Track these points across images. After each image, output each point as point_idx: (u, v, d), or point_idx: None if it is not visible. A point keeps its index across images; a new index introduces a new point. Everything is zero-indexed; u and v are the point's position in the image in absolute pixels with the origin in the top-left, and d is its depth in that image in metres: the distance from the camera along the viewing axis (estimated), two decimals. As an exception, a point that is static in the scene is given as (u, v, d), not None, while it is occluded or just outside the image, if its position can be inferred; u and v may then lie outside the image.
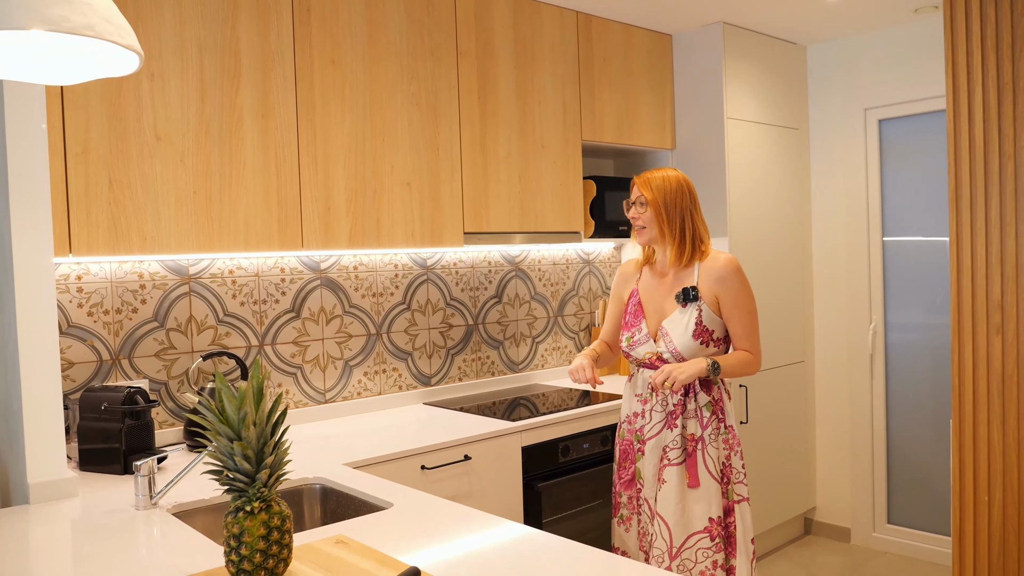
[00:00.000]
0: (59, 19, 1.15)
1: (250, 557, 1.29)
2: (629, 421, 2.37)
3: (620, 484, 2.38)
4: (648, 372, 2.32)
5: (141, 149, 2.16)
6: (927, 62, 3.57)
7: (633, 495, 2.35)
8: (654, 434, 2.27)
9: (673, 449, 2.23)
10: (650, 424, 2.28)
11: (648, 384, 2.28)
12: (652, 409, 2.28)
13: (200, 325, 2.58)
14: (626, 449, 2.37)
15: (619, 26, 3.45)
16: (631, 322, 2.38)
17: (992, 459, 2.33)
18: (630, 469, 2.36)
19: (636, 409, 2.34)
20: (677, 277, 2.33)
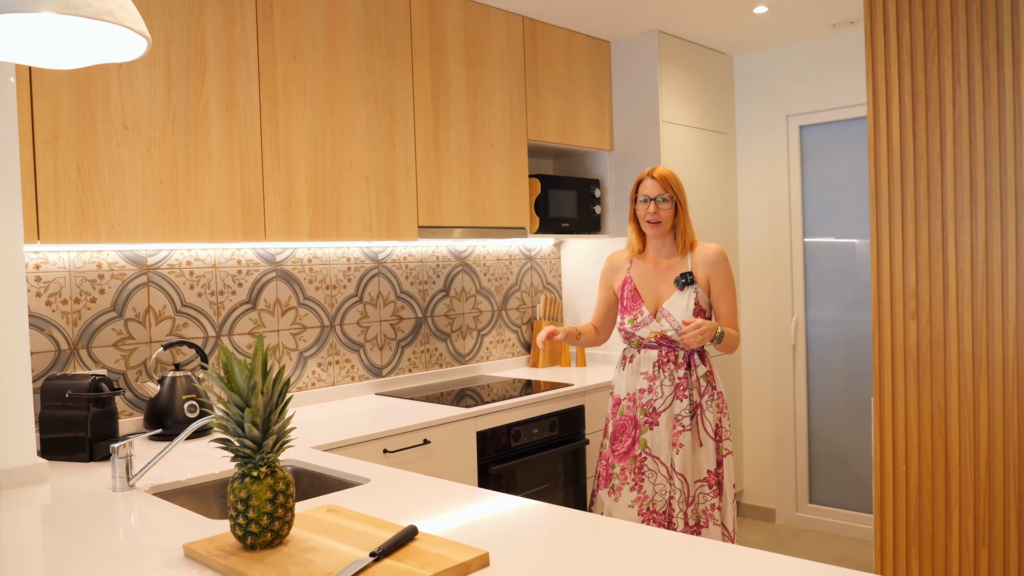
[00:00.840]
0: (82, 4, 1.21)
1: (257, 520, 1.36)
2: (631, 399, 2.61)
3: (614, 456, 2.61)
4: (652, 352, 2.59)
5: (109, 137, 2.17)
6: (844, 73, 3.86)
7: (628, 465, 2.58)
8: (667, 406, 2.55)
9: (685, 417, 2.53)
10: (661, 398, 2.56)
11: (680, 337, 2.47)
12: (661, 384, 2.56)
13: (158, 315, 2.59)
14: (624, 424, 2.61)
15: (562, 31, 3.61)
16: (630, 306, 2.64)
17: (909, 432, 2.57)
18: (627, 442, 2.59)
19: (642, 386, 2.59)
20: (671, 265, 2.63)
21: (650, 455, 2.56)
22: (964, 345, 2.46)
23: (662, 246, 2.66)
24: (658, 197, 2.58)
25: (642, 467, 2.56)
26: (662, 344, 2.58)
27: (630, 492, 2.56)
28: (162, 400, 2.43)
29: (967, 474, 2.47)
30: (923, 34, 2.50)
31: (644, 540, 1.44)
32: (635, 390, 2.61)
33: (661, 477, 2.54)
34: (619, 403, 2.65)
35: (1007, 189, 2.37)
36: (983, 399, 2.43)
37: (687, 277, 2.58)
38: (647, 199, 2.60)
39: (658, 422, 2.55)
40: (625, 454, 2.59)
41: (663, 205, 2.58)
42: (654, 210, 2.58)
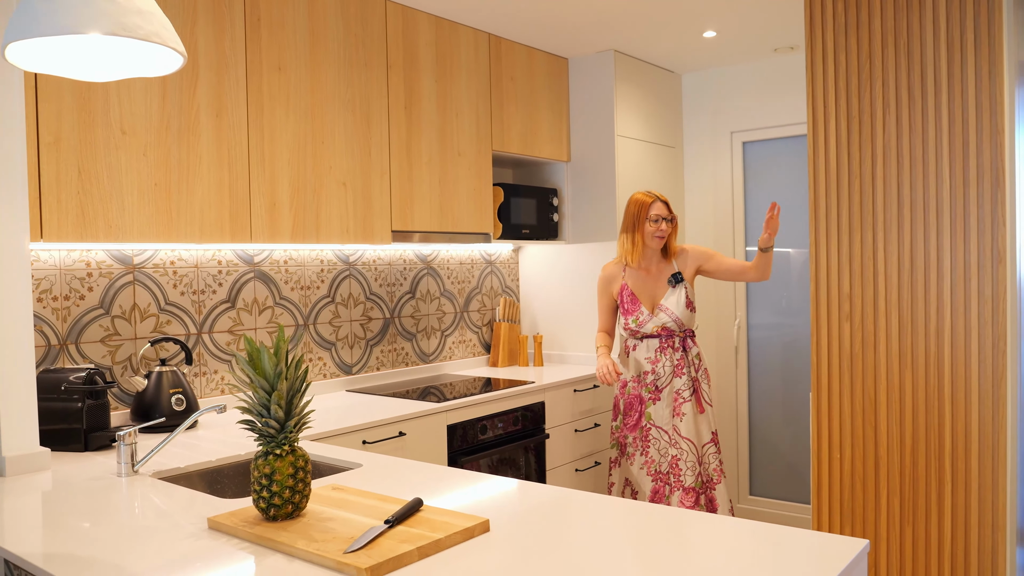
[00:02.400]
0: (134, 27, 1.35)
1: (280, 493, 1.51)
2: (636, 380, 3.20)
3: (626, 428, 3.22)
4: (653, 341, 3.17)
5: (108, 141, 2.27)
6: (784, 94, 4.16)
7: (638, 435, 3.18)
8: (667, 384, 3.15)
9: (685, 390, 3.13)
10: (663, 377, 3.15)
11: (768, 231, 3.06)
12: (662, 366, 3.14)
13: (143, 313, 2.69)
14: (631, 402, 3.21)
15: (524, 48, 3.81)
16: (630, 308, 3.20)
17: (843, 423, 2.84)
18: (635, 416, 3.18)
19: (646, 368, 3.18)
20: (660, 270, 3.23)
21: (654, 425, 3.15)
22: (892, 344, 2.74)
23: (653, 255, 3.24)
24: (668, 218, 3.18)
25: (648, 436, 3.15)
26: (662, 334, 3.16)
27: (640, 457, 3.17)
28: (149, 394, 2.53)
29: (894, 460, 2.74)
30: (857, 65, 2.77)
31: (627, 510, 1.64)
32: (639, 372, 3.19)
33: (663, 443, 3.13)
34: (626, 384, 3.23)
35: (929, 205, 2.66)
36: (908, 393, 2.71)
37: (678, 276, 3.20)
38: (659, 219, 3.16)
39: (660, 397, 3.14)
40: (634, 426, 3.18)
41: (669, 224, 3.19)
42: (665, 227, 3.17)
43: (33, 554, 1.43)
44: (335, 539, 1.42)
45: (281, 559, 1.38)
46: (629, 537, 1.48)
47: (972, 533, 2.60)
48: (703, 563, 1.34)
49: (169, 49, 1.44)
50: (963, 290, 2.60)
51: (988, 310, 2.56)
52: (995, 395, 2.56)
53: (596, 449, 3.79)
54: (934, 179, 2.65)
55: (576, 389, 3.66)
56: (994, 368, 2.55)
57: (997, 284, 2.54)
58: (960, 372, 2.61)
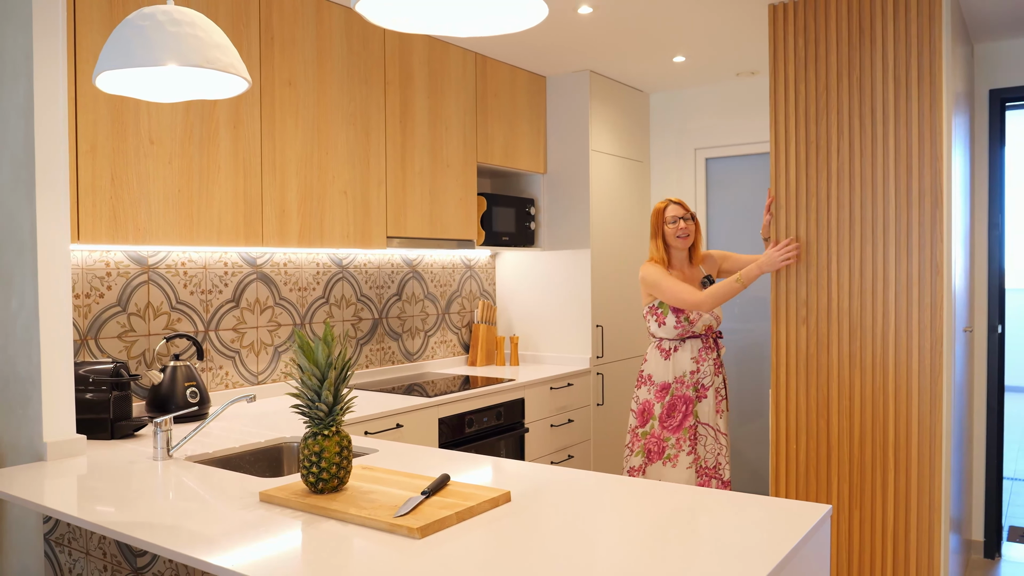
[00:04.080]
0: (215, 59, 1.56)
1: (328, 468, 1.72)
2: (679, 381, 3.21)
3: (667, 431, 3.20)
4: (696, 341, 3.22)
5: (138, 150, 2.45)
6: (744, 114, 4.49)
7: (683, 436, 3.18)
8: (711, 383, 3.23)
9: (722, 388, 3.27)
10: (709, 376, 3.23)
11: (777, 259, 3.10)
12: (707, 365, 3.22)
13: (156, 311, 2.85)
14: (675, 403, 3.21)
15: (506, 67, 4.05)
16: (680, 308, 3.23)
17: (799, 418, 3.14)
18: (678, 417, 3.20)
19: (691, 368, 3.21)
20: (692, 274, 3.32)
21: (701, 423, 3.22)
22: (843, 346, 3.05)
23: (684, 259, 3.32)
24: (684, 217, 3.24)
25: (695, 434, 3.21)
26: (705, 333, 3.25)
27: (687, 456, 3.19)
28: (164, 387, 2.69)
29: (843, 451, 3.05)
30: (815, 95, 3.09)
31: (637, 487, 1.89)
32: (683, 373, 3.21)
33: (710, 440, 3.22)
34: (666, 387, 3.22)
35: (877, 222, 2.98)
36: (856, 390, 3.02)
37: (710, 278, 3.31)
38: (675, 219, 3.24)
39: (707, 395, 3.22)
40: (678, 427, 3.20)
41: (689, 224, 3.25)
42: (684, 226, 3.23)
43: (116, 522, 1.61)
44: (381, 507, 1.64)
45: (335, 524, 1.59)
46: (629, 506, 1.73)
47: (912, 515, 2.92)
48: (685, 523, 1.59)
49: (239, 78, 1.64)
50: (906, 298, 2.93)
51: (927, 316, 2.89)
52: (932, 392, 2.88)
53: (569, 443, 4.04)
54: (881, 199, 2.97)
55: (552, 387, 3.91)
56: (932, 368, 2.88)
57: (935, 293, 2.87)
58: (903, 371, 2.93)
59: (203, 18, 1.59)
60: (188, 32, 1.52)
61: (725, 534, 1.52)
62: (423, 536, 1.50)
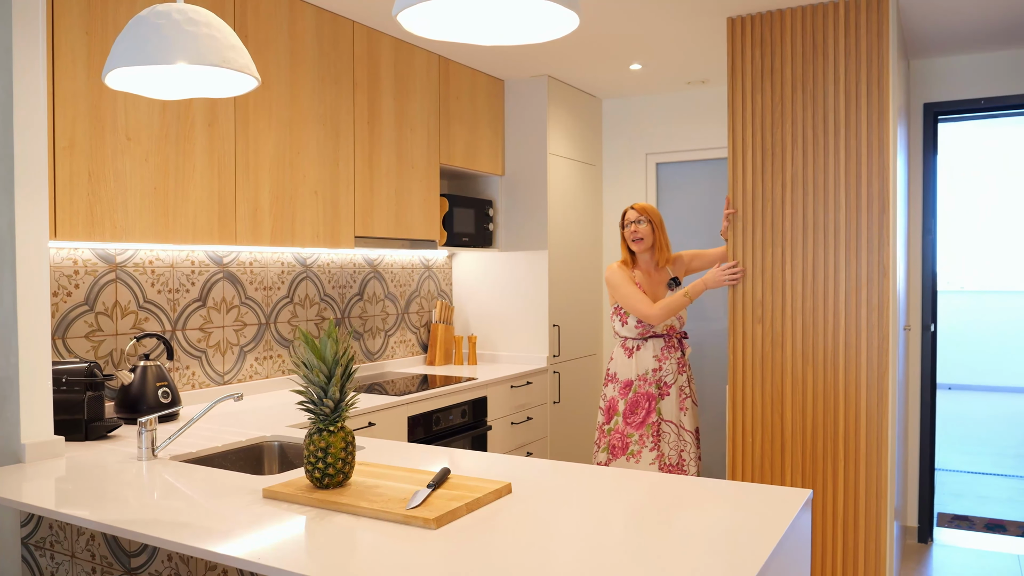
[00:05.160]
0: (232, 59, 1.58)
1: (334, 464, 1.75)
2: (642, 379, 3.32)
3: (630, 427, 3.32)
4: (659, 340, 3.32)
5: (115, 147, 2.41)
6: (694, 121, 4.65)
7: (646, 432, 3.29)
8: (673, 381, 3.33)
9: (685, 386, 3.36)
10: (671, 374, 3.33)
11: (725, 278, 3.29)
12: (669, 363, 3.33)
13: (124, 310, 2.80)
14: (637, 400, 3.32)
15: (468, 70, 4.11)
16: None
17: (755, 411, 3.30)
18: (642, 413, 3.30)
19: (653, 367, 3.32)
20: (658, 273, 3.45)
21: (664, 420, 3.31)
22: (796, 344, 3.22)
23: (649, 260, 3.44)
24: (637, 220, 3.38)
25: (658, 431, 3.30)
26: (668, 333, 3.35)
27: (649, 452, 3.29)
28: (135, 388, 2.65)
29: (797, 443, 3.22)
30: (771, 106, 3.25)
31: (624, 476, 1.97)
32: (646, 371, 3.32)
33: (672, 436, 3.32)
34: (629, 384, 3.34)
35: (828, 226, 3.15)
36: (809, 386, 3.19)
37: (676, 280, 3.46)
38: (630, 223, 3.39)
39: (669, 393, 3.32)
40: (641, 423, 3.31)
41: (641, 226, 3.37)
42: (634, 229, 3.37)
43: (123, 520, 1.61)
44: (390, 500, 1.68)
45: (347, 517, 1.62)
46: (624, 494, 1.81)
47: (861, 503, 3.10)
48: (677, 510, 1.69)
49: (250, 77, 1.66)
50: (855, 299, 3.11)
51: (875, 316, 3.07)
52: (879, 387, 3.07)
53: (528, 440, 4.12)
54: (832, 204, 3.15)
55: (512, 385, 3.99)
56: (879, 365, 3.07)
57: (883, 294, 3.06)
58: (852, 368, 3.11)
59: (216, 17, 1.60)
60: (205, 32, 1.53)
61: (721, 519, 1.62)
62: (438, 527, 1.56)
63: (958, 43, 3.78)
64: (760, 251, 3.28)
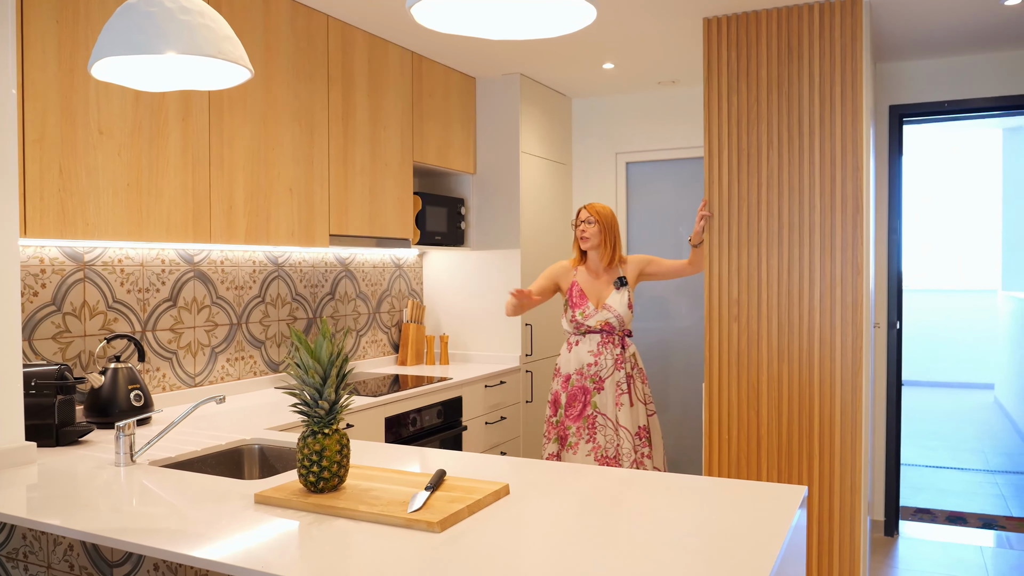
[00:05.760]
0: (228, 50, 1.53)
1: (329, 467, 1.71)
2: (579, 373, 3.42)
3: (568, 419, 3.42)
4: (595, 336, 3.42)
5: (87, 141, 2.32)
6: (664, 121, 4.68)
7: (582, 424, 3.38)
8: (609, 375, 3.39)
9: (623, 383, 3.39)
10: (606, 369, 3.39)
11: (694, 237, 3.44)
12: (604, 359, 3.39)
13: (92, 310, 2.70)
14: (575, 393, 3.42)
15: (441, 67, 4.07)
16: (578, 302, 3.48)
17: (731, 408, 3.33)
18: (578, 407, 3.39)
19: (589, 361, 3.41)
20: (608, 273, 3.53)
21: (600, 413, 3.38)
22: (772, 342, 3.25)
23: (599, 259, 3.52)
24: (587, 220, 3.48)
25: (594, 424, 3.38)
26: (604, 330, 3.42)
27: (586, 444, 3.38)
28: (106, 391, 2.56)
29: (772, 439, 3.26)
30: (747, 107, 3.28)
31: (619, 476, 1.97)
32: (582, 365, 3.42)
33: (609, 430, 3.37)
34: (569, 378, 3.44)
35: (804, 226, 3.20)
36: (785, 383, 3.23)
37: (623, 280, 3.49)
38: (580, 223, 3.50)
39: (604, 387, 3.39)
40: (578, 416, 3.40)
41: (590, 227, 3.47)
42: (583, 229, 3.49)
43: (110, 528, 1.54)
44: (388, 503, 1.64)
45: (346, 522, 1.58)
46: (620, 492, 1.81)
47: (835, 498, 3.15)
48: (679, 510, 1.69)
49: (243, 68, 1.61)
50: (829, 297, 3.16)
51: (849, 314, 3.12)
52: (853, 384, 3.12)
53: (501, 440, 4.10)
54: (807, 205, 3.19)
55: (487, 385, 3.96)
56: (853, 362, 3.12)
57: (856, 292, 3.11)
58: (827, 365, 3.16)
59: (208, 6, 1.54)
60: (199, 22, 1.48)
61: (725, 519, 1.62)
62: (442, 530, 1.53)
63: (924, 47, 3.86)
64: (736, 250, 3.31)
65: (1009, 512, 4.59)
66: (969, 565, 3.76)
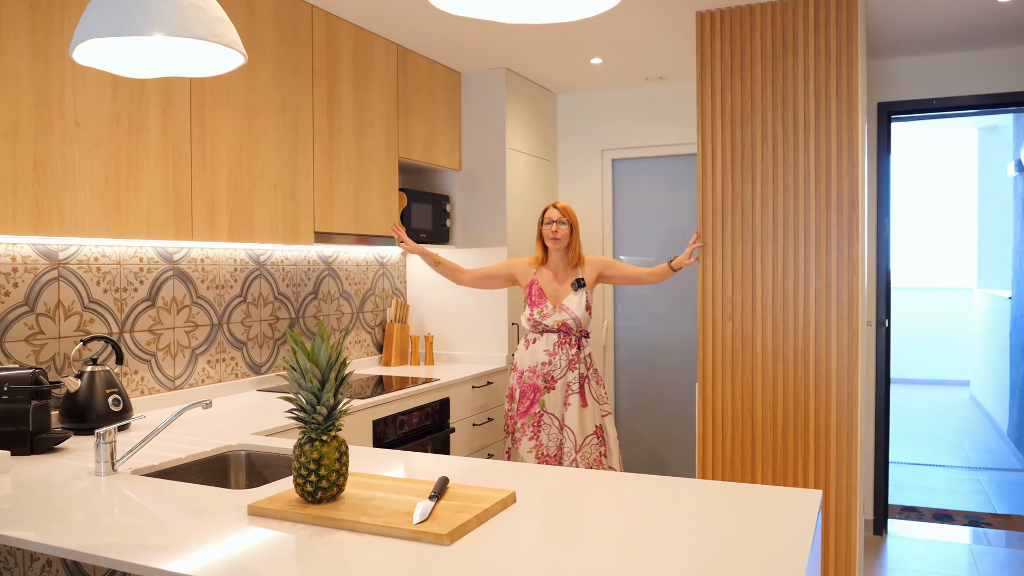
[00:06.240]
0: (220, 33, 1.43)
1: (328, 476, 1.62)
2: (533, 370, 3.41)
3: (517, 415, 3.43)
4: (552, 336, 3.41)
5: (63, 133, 2.20)
6: (651, 118, 4.63)
7: (528, 421, 3.39)
8: (561, 375, 3.38)
9: (574, 383, 3.37)
10: (558, 369, 3.38)
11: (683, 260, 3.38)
12: (559, 359, 3.38)
13: (67, 311, 2.58)
14: (526, 390, 3.41)
15: (426, 61, 3.98)
16: (537, 301, 3.46)
17: (725, 408, 3.28)
18: (526, 403, 3.39)
19: (543, 360, 3.40)
20: (568, 274, 3.50)
21: (546, 412, 3.39)
22: (767, 341, 3.21)
23: (560, 259, 3.50)
24: (559, 220, 3.43)
25: (540, 421, 3.39)
26: (561, 330, 3.40)
27: (528, 441, 3.39)
28: (82, 395, 2.44)
29: (767, 438, 3.22)
30: (741, 102, 3.23)
31: (624, 480, 1.89)
32: (536, 363, 3.41)
33: (554, 429, 3.37)
34: (522, 374, 3.44)
35: (799, 224, 3.16)
36: (780, 382, 3.19)
37: (581, 281, 3.46)
38: (551, 222, 3.44)
39: (554, 387, 3.38)
40: (526, 412, 3.41)
41: (562, 227, 3.43)
42: (555, 229, 3.42)
43: (95, 545, 1.44)
44: (392, 514, 1.56)
45: (347, 535, 1.49)
46: (627, 500, 1.74)
47: (831, 497, 3.11)
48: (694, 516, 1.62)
49: (237, 53, 1.51)
50: (825, 295, 3.12)
51: (845, 312, 3.09)
52: (849, 383, 3.09)
53: (489, 442, 4.02)
54: (803, 202, 3.15)
55: (474, 386, 3.88)
56: (849, 360, 3.08)
57: (852, 291, 3.08)
58: (822, 364, 3.12)
59: (199, -12, 1.45)
60: (189, 2, 1.38)
61: (744, 525, 1.56)
62: (452, 542, 1.45)
63: (913, 44, 3.85)
64: (730, 248, 3.26)
65: (994, 509, 4.61)
66: (959, 563, 3.75)
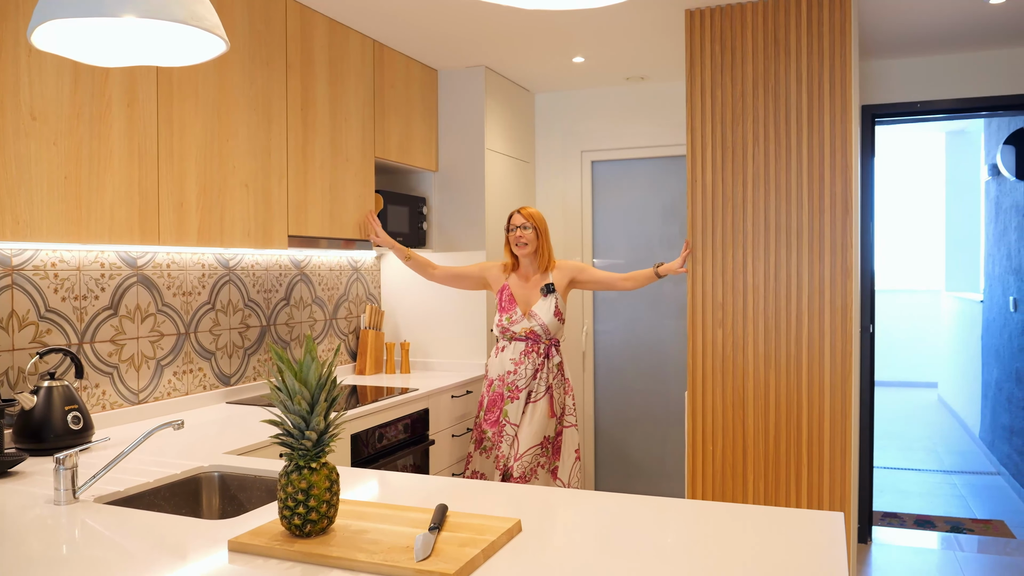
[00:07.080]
0: (201, 16, 1.28)
1: (317, 507, 1.47)
2: (501, 379, 3.39)
3: (486, 424, 3.41)
4: (520, 344, 3.36)
5: (17, 127, 2.02)
6: (632, 119, 4.53)
7: (496, 431, 3.36)
8: (525, 385, 3.35)
9: (537, 393, 3.33)
10: (523, 379, 3.35)
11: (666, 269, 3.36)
12: (524, 368, 3.35)
13: (22, 320, 2.39)
14: (495, 399, 3.40)
15: (403, 57, 3.83)
16: (507, 307, 3.42)
17: (715, 416, 3.19)
18: (496, 412, 3.38)
19: (509, 368, 3.37)
20: (536, 280, 3.45)
21: (508, 423, 3.34)
22: (758, 347, 3.12)
23: (530, 265, 3.46)
24: (523, 226, 3.40)
25: (502, 432, 3.35)
26: (529, 338, 3.36)
27: (494, 451, 3.36)
28: (38, 412, 2.26)
29: (759, 447, 3.13)
30: (732, 102, 3.14)
31: (631, 502, 1.78)
32: (503, 372, 3.38)
33: (511, 438, 3.33)
34: (492, 383, 3.43)
35: (791, 226, 3.07)
36: (772, 389, 3.10)
37: (550, 287, 3.40)
38: (516, 227, 3.41)
39: (518, 396, 3.34)
40: (494, 422, 3.38)
41: (526, 232, 3.40)
42: (520, 234, 3.40)
43: (58, 592, 1.28)
44: (390, 549, 1.41)
45: (342, 574, 1.35)
46: (638, 524, 1.62)
47: (824, 506, 3.03)
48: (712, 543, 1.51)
49: (219, 39, 1.36)
50: (818, 301, 3.04)
51: (838, 318, 3.01)
52: (843, 390, 3.01)
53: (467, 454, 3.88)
54: (795, 205, 3.07)
55: (453, 395, 3.73)
56: (842, 367, 3.01)
57: (845, 295, 3.01)
58: (815, 370, 3.04)
59: (175, -34, 1.29)
60: (165, -19, 1.23)
61: (771, 552, 1.45)
62: (460, 581, 1.31)
63: (898, 46, 3.80)
64: (720, 252, 3.17)
65: (973, 514, 4.59)
66: (945, 571, 3.71)
